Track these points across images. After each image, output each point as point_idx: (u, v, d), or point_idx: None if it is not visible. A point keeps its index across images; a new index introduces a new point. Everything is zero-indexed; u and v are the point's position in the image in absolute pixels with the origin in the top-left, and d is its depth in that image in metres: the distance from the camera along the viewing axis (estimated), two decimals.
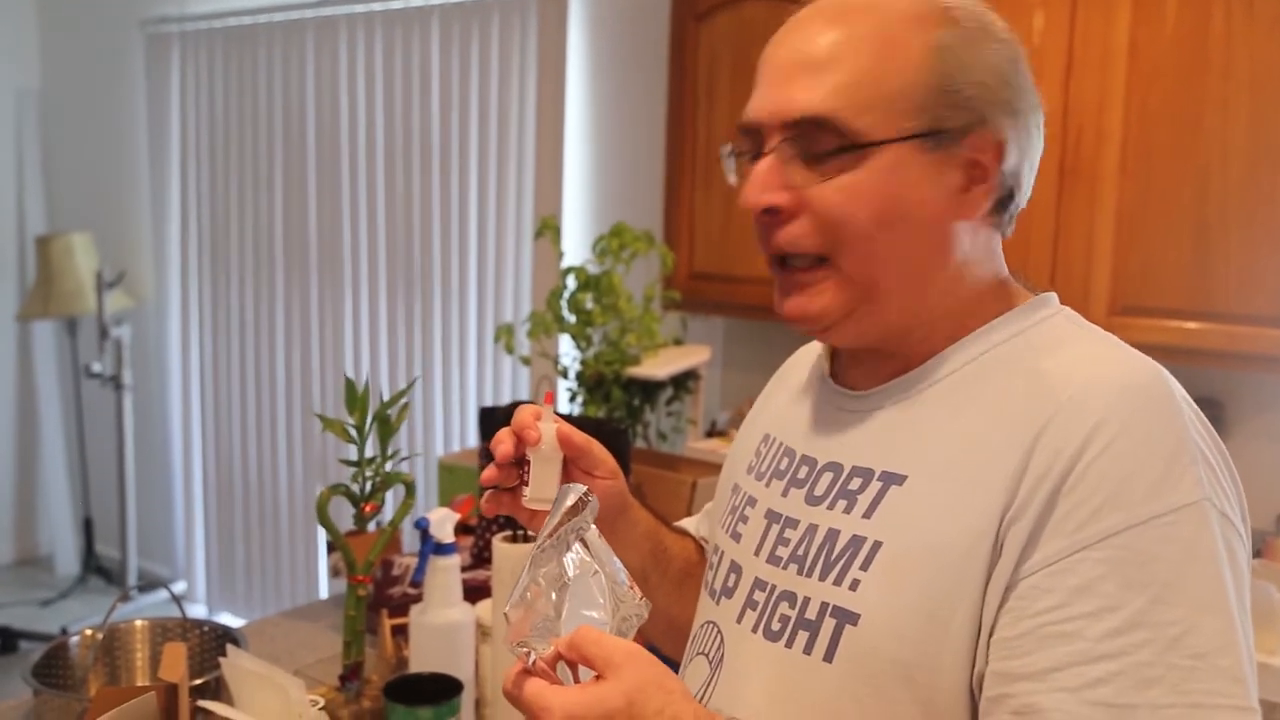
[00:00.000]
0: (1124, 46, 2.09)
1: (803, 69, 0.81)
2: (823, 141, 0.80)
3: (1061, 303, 0.88)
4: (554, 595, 0.72)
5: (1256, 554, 2.13)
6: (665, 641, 1.12)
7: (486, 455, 1.84)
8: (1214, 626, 0.69)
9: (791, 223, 0.83)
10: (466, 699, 1.31)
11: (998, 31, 0.83)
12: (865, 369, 0.90)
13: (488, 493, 0.97)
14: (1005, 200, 0.85)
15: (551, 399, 0.99)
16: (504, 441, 0.94)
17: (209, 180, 4.00)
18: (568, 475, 0.97)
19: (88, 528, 4.47)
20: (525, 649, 0.71)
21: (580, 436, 0.96)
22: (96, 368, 4.05)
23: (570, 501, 0.75)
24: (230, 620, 4.02)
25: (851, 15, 0.82)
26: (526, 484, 0.95)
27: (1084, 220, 2.16)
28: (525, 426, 0.94)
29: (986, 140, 0.81)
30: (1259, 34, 1.98)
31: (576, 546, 0.74)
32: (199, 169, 4.03)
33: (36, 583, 4.43)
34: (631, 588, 0.74)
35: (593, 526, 0.75)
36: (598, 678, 0.69)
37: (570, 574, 0.73)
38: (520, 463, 0.95)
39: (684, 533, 1.15)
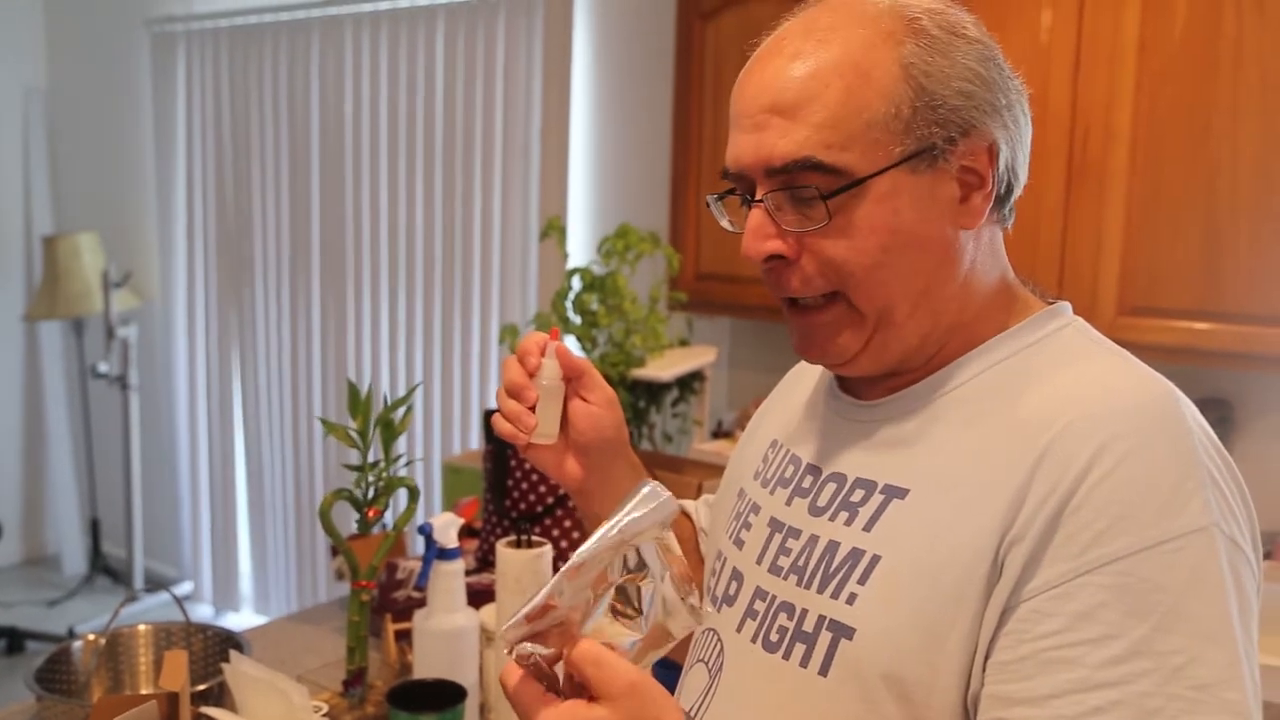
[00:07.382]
0: (1133, 44, 2.08)
1: (776, 112, 0.78)
2: (812, 183, 0.77)
3: (1070, 305, 0.86)
4: (590, 595, 0.68)
5: (1267, 555, 2.11)
6: None
7: (492, 457, 1.84)
8: (1218, 658, 0.68)
9: (797, 267, 0.81)
10: (470, 705, 1.30)
11: (967, 31, 0.80)
12: (873, 379, 0.88)
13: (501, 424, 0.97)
14: (1004, 196, 0.83)
15: (557, 335, 0.99)
16: (511, 368, 0.96)
17: (215, 180, 4.00)
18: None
19: (94, 528, 4.48)
20: (529, 652, 0.68)
21: (580, 359, 0.97)
22: (103, 368, 4.05)
23: (643, 494, 0.71)
24: (236, 620, 4.02)
25: (816, 46, 0.78)
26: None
27: (1092, 220, 2.14)
28: (527, 353, 0.95)
29: (978, 146, 0.79)
30: (1270, 33, 1.96)
31: (645, 549, 0.70)
32: (204, 168, 4.03)
33: (44, 582, 4.43)
34: (685, 598, 0.69)
35: (668, 532, 0.71)
36: (591, 699, 0.67)
37: (616, 576, 0.69)
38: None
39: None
